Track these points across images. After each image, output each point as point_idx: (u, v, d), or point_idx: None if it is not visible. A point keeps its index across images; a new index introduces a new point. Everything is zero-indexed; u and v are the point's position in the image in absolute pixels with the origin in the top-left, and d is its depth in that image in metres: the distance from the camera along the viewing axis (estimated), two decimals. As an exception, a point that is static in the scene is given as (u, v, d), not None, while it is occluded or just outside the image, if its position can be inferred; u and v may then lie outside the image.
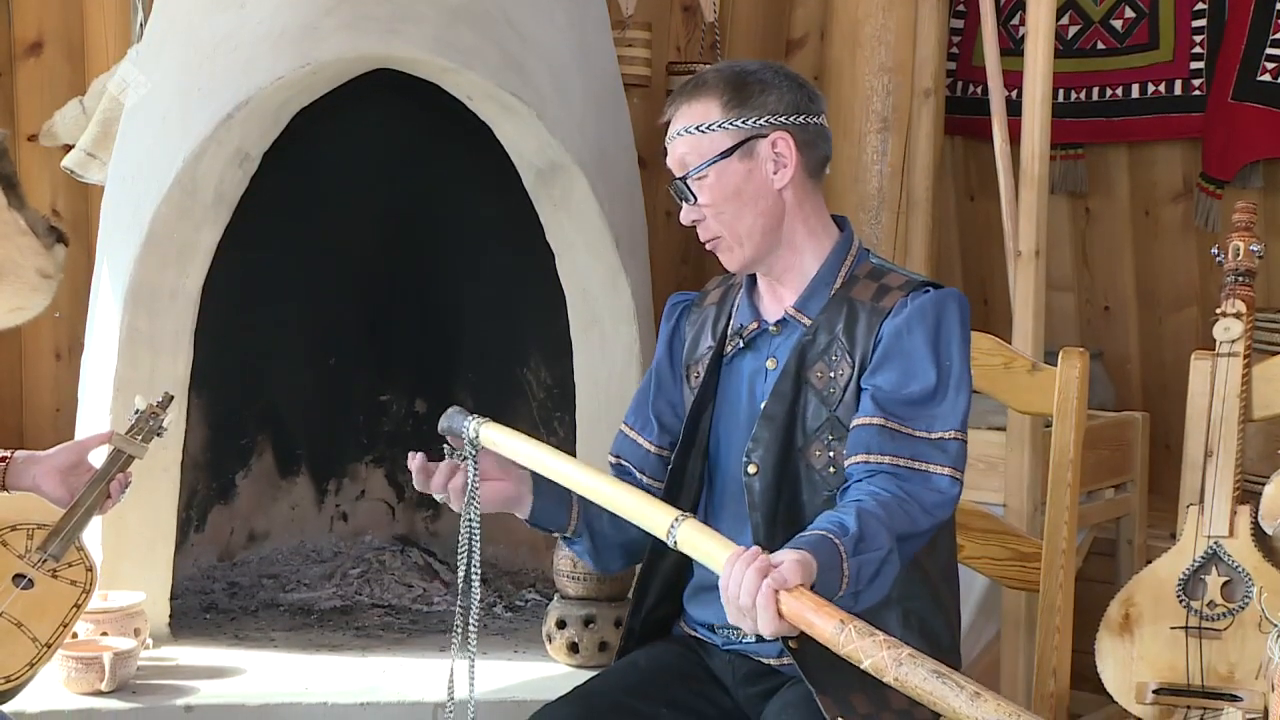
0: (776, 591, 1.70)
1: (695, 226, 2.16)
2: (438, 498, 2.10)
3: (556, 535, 2.22)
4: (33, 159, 4.02)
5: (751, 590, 1.71)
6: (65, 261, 2.60)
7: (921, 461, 1.99)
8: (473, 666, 2.15)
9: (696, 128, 2.09)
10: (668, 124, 2.14)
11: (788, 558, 1.73)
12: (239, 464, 3.72)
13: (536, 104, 3.16)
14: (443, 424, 2.08)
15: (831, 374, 2.07)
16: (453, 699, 2.17)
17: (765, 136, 2.08)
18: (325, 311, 3.72)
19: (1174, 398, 3.85)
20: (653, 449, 2.24)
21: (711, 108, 2.09)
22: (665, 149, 2.16)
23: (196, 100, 3.14)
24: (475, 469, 2.05)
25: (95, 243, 3.48)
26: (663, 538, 1.82)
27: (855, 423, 2.02)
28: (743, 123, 2.08)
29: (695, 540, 1.79)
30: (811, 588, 1.72)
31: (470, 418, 2.05)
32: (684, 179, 2.11)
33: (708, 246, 2.17)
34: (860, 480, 1.99)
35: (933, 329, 2.03)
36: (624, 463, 2.27)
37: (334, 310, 3.73)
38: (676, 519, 1.80)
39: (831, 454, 2.05)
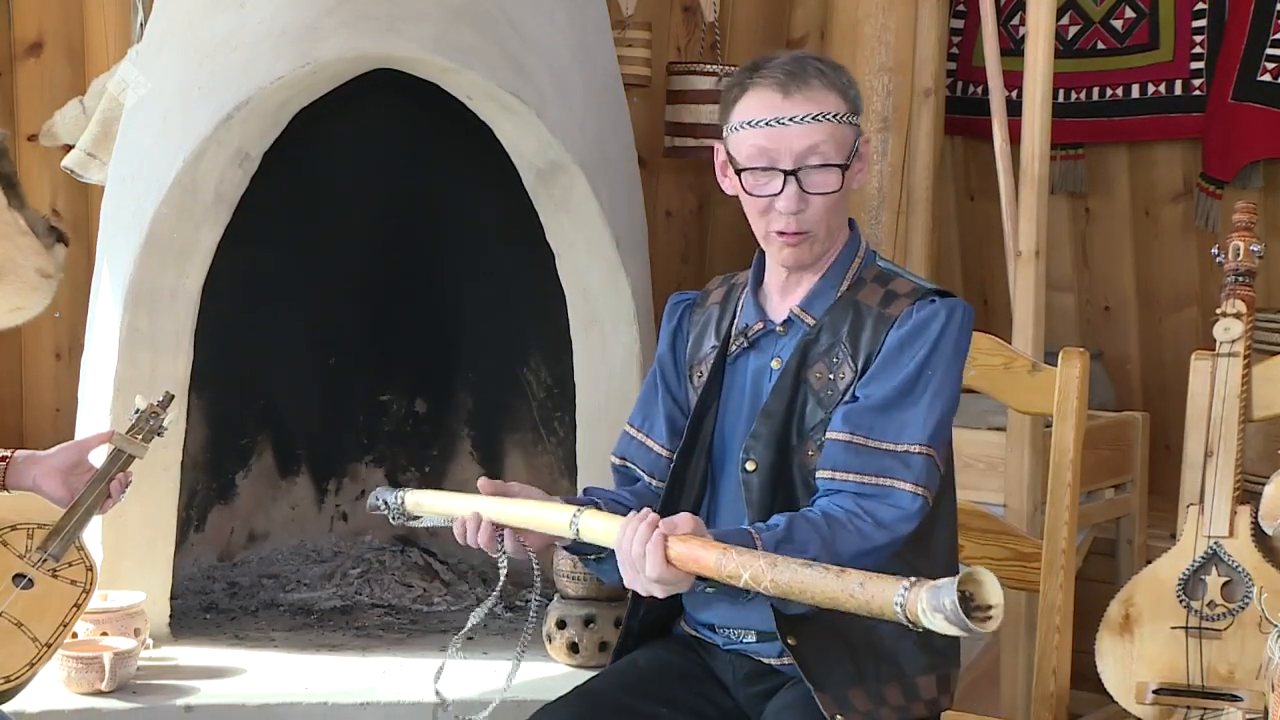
0: (666, 537, 1.75)
1: (792, 214, 2.05)
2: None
3: (593, 558, 2.16)
4: (33, 159, 4.02)
5: (643, 539, 1.76)
6: (65, 261, 2.60)
7: (885, 477, 1.99)
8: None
9: (834, 116, 2.04)
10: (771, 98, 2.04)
11: (682, 515, 1.80)
12: (239, 464, 3.72)
13: (537, 104, 3.16)
14: (370, 502, 2.21)
15: (831, 375, 2.06)
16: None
17: (862, 137, 2.10)
18: (325, 311, 3.72)
19: (1174, 398, 3.85)
20: (665, 453, 2.21)
21: (840, 100, 2.06)
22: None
23: (196, 100, 3.14)
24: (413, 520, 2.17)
25: (95, 243, 3.48)
26: (569, 535, 1.89)
27: (827, 435, 2.02)
28: (857, 121, 2.08)
29: (595, 525, 1.87)
30: None
31: (394, 491, 2.17)
32: (825, 165, 2.03)
33: (790, 238, 2.07)
34: (823, 496, 2.00)
35: (931, 340, 2.02)
36: (630, 465, 2.25)
37: (334, 310, 3.73)
38: (575, 513, 1.88)
39: None
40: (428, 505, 2.13)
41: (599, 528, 1.86)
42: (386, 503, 2.18)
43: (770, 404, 2.08)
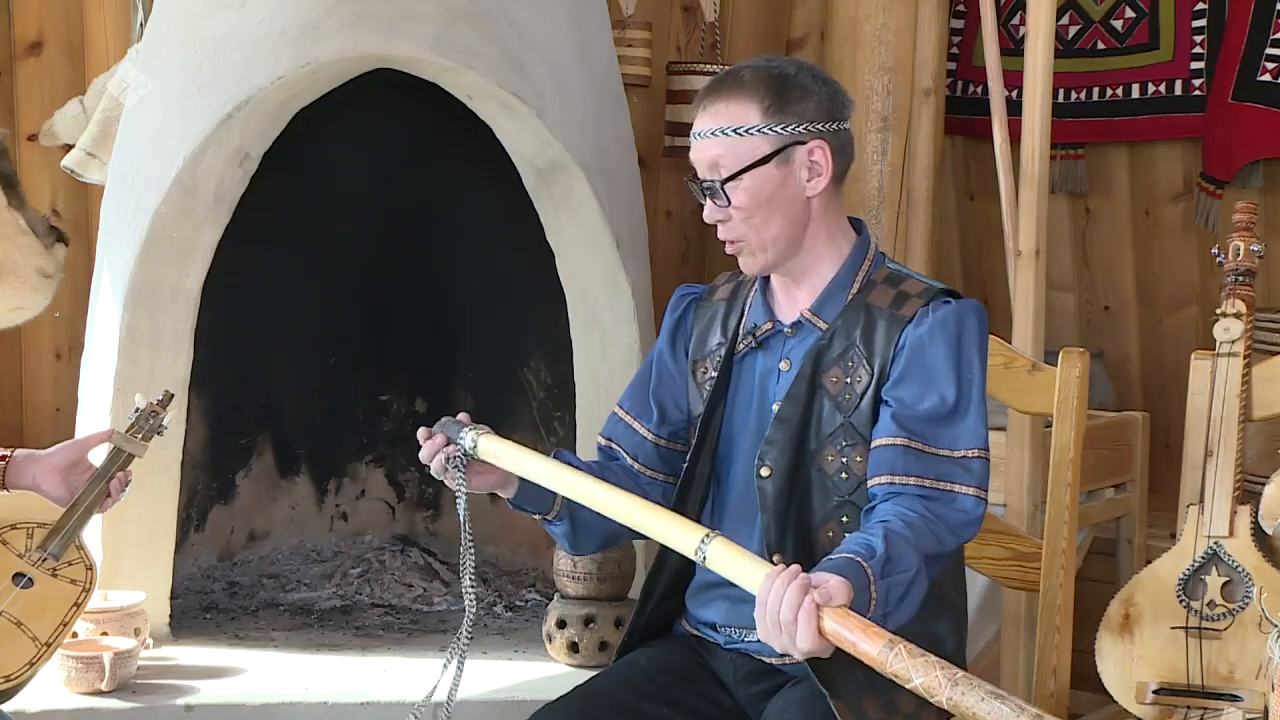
0: (819, 607, 1.69)
1: (715, 225, 2.11)
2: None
3: (537, 516, 2.17)
4: (33, 159, 4.02)
5: (794, 604, 1.69)
6: (65, 261, 2.59)
7: (946, 482, 1.99)
8: (461, 663, 2.12)
9: (734, 130, 2.04)
10: (691, 119, 2.09)
11: (832, 578, 1.73)
12: (239, 464, 3.72)
13: (537, 103, 3.16)
14: (437, 427, 2.08)
15: (848, 380, 2.06)
16: (440, 700, 2.14)
17: (803, 144, 2.06)
18: (325, 311, 3.72)
19: (1174, 398, 3.85)
20: (650, 436, 2.22)
21: (750, 110, 2.04)
22: (687, 143, 2.12)
23: (196, 100, 3.14)
24: (463, 480, 2.05)
25: (95, 243, 3.48)
26: (691, 556, 1.81)
27: (877, 442, 2.01)
28: (782, 129, 2.04)
29: (726, 558, 1.78)
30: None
31: (467, 430, 2.04)
32: (716, 181, 2.06)
33: (728, 249, 2.12)
34: (885, 501, 1.98)
35: (954, 342, 2.02)
36: (615, 446, 2.24)
37: (334, 310, 3.73)
38: (705, 538, 1.79)
39: (844, 460, 2.05)
40: (504, 456, 2.01)
41: (732, 562, 1.78)
42: (453, 438, 2.03)
43: (785, 410, 2.07)
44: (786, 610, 1.69)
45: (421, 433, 2.10)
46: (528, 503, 2.14)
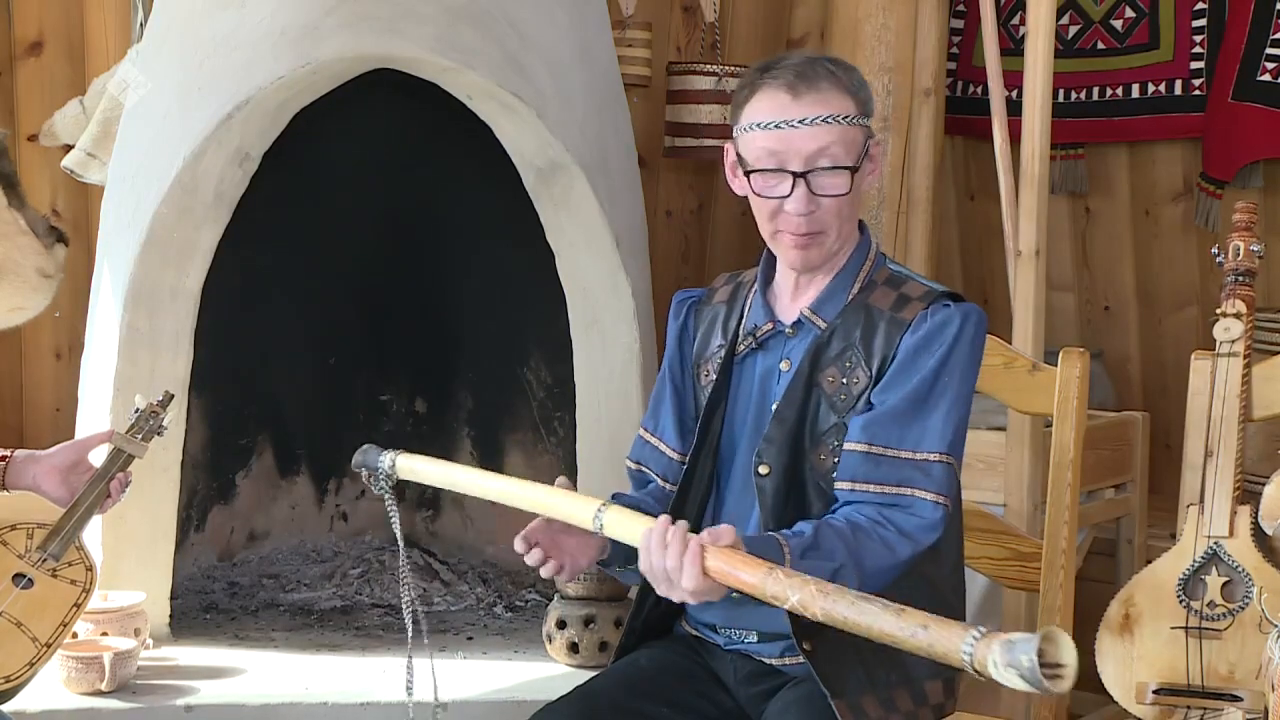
0: (704, 548, 1.74)
1: (802, 216, 2.05)
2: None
3: (619, 570, 2.15)
4: (33, 159, 4.02)
5: (678, 550, 1.74)
6: (65, 261, 2.60)
7: (907, 487, 2.00)
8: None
9: (844, 118, 2.04)
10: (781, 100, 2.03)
11: (721, 526, 1.78)
12: (239, 464, 3.72)
13: (537, 103, 3.16)
14: (356, 459, 2.12)
15: (844, 380, 2.06)
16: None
17: (874, 138, 2.10)
18: (325, 311, 3.72)
19: (1174, 398, 3.85)
20: (675, 455, 2.21)
21: (848, 101, 2.05)
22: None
23: (196, 100, 3.14)
24: (392, 498, 2.09)
25: (95, 243, 3.48)
26: (591, 528, 1.85)
27: (846, 445, 2.02)
28: (867, 122, 2.08)
29: (621, 523, 1.83)
30: None
31: (385, 452, 2.08)
32: (840, 167, 2.02)
33: (800, 240, 2.06)
34: (844, 506, 2.01)
35: (943, 345, 2.03)
36: (645, 470, 2.25)
37: (334, 310, 3.73)
38: (600, 508, 1.84)
39: (838, 459, 2.05)
40: (422, 472, 2.06)
41: (625, 527, 1.83)
42: (371, 467, 2.08)
43: (782, 408, 2.08)
44: (672, 558, 1.74)
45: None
46: (615, 560, 2.11)
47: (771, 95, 2.05)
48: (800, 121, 2.03)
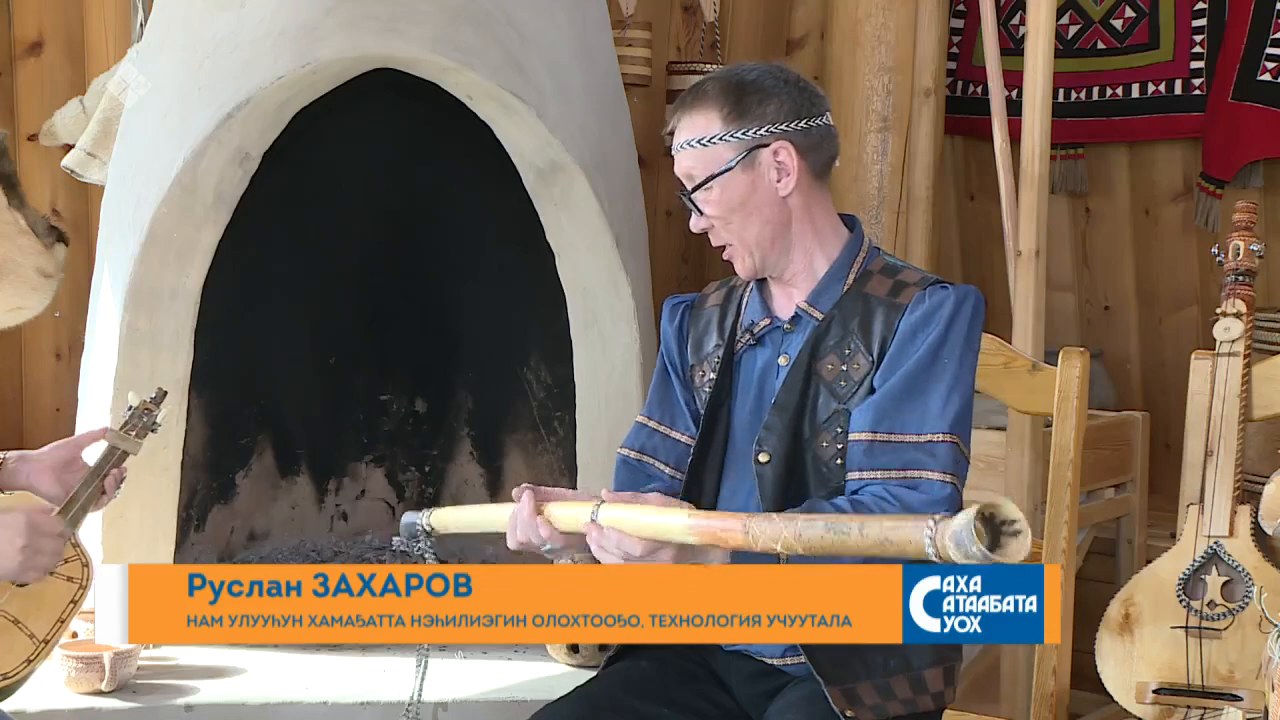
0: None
1: (707, 233, 2.16)
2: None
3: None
4: (33, 159, 4.02)
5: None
6: (65, 261, 2.59)
7: (912, 470, 2.00)
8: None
9: (699, 141, 2.10)
10: (672, 133, 2.15)
11: None
12: (239, 463, 3.71)
13: (537, 103, 3.16)
14: (402, 536, 2.17)
15: (844, 367, 2.07)
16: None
17: (767, 146, 2.08)
18: (325, 311, 3.71)
19: (1174, 398, 3.85)
20: (684, 439, 2.22)
21: (712, 120, 2.09)
22: (671, 156, 2.16)
23: (196, 100, 3.14)
24: (435, 555, 2.14)
25: (95, 243, 3.48)
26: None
27: (851, 435, 2.03)
28: (743, 134, 2.08)
29: (621, 518, 1.87)
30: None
31: (422, 514, 2.14)
32: (690, 192, 2.11)
33: (724, 255, 2.17)
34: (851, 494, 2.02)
35: (943, 328, 2.03)
36: (646, 459, 2.24)
37: (334, 310, 3.73)
38: (597, 504, 1.89)
39: (840, 446, 2.05)
40: (461, 519, 2.14)
41: (631, 519, 1.87)
42: (411, 533, 2.14)
43: (782, 397, 2.09)
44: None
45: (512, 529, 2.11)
46: None
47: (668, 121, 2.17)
48: (674, 148, 2.14)
